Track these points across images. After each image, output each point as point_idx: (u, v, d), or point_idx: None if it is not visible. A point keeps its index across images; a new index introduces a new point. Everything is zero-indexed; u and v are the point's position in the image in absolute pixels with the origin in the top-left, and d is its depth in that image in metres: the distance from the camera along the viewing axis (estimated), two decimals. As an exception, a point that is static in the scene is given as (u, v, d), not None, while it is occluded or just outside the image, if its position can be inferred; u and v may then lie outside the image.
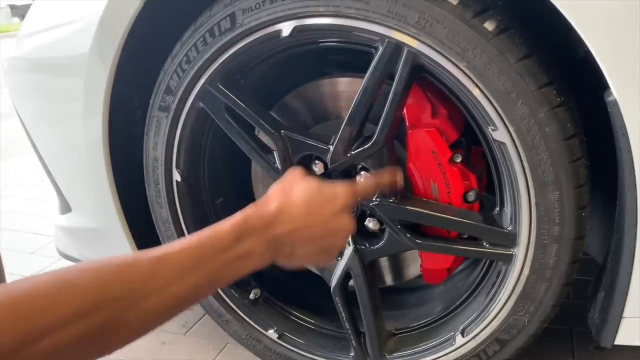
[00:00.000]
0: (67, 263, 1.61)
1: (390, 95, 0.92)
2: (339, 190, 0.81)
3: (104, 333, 0.57)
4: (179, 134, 1.12)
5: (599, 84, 0.85)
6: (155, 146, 1.15)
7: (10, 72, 1.35)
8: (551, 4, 0.78)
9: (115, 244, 1.30)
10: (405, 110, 0.99)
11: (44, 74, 1.25)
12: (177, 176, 1.17)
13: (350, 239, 1.09)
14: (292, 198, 0.77)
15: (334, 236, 0.80)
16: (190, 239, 0.68)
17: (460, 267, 1.27)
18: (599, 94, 0.90)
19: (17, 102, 1.38)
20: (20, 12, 13.67)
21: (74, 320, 0.54)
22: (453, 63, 0.86)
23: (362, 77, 0.95)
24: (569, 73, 0.95)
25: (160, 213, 1.21)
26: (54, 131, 1.30)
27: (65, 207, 1.39)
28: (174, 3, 1.06)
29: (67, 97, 1.20)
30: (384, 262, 1.25)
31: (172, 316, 0.65)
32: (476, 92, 0.87)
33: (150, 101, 1.13)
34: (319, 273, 1.21)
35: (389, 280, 1.26)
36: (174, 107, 1.09)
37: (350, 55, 1.18)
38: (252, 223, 0.72)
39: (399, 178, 0.98)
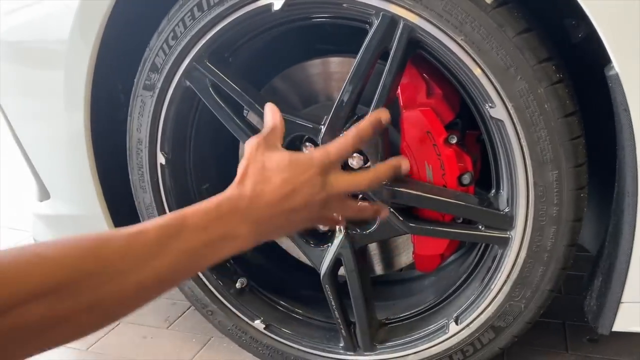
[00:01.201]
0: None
1: (385, 71, 0.89)
2: (312, 155, 0.78)
3: (77, 311, 0.54)
4: (164, 115, 1.08)
5: (592, 72, 0.84)
6: (139, 127, 1.11)
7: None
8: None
9: (96, 231, 1.24)
10: (399, 90, 0.96)
11: (23, 64, 1.20)
12: (161, 159, 1.12)
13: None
14: (266, 173, 0.74)
15: (320, 202, 0.77)
16: (169, 217, 0.65)
17: (452, 258, 1.24)
18: (591, 82, 0.89)
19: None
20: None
21: (46, 294, 0.51)
22: (450, 37, 0.84)
23: (355, 58, 0.92)
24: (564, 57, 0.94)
25: (144, 198, 1.17)
26: (35, 122, 1.26)
27: (44, 194, 1.34)
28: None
29: (48, 88, 1.15)
30: (374, 251, 1.22)
31: (150, 298, 0.61)
32: (474, 67, 0.84)
33: (135, 80, 1.08)
34: (309, 263, 1.17)
35: (379, 269, 1.23)
36: (159, 85, 1.05)
37: (340, 44, 1.16)
38: (234, 203, 0.70)
39: (384, 116, 0.86)
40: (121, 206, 1.24)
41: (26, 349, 0.51)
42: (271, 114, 0.85)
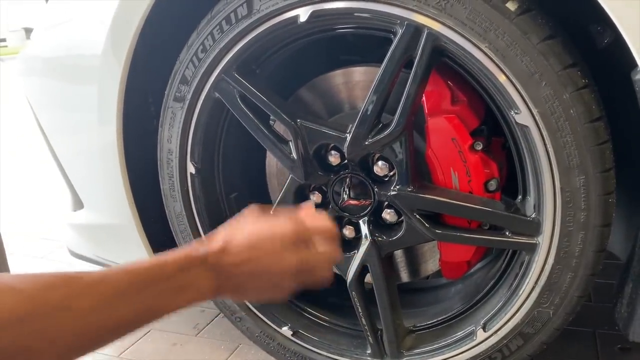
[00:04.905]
0: (79, 266, 1.60)
1: (410, 79, 0.90)
2: (287, 227, 0.79)
3: (40, 343, 0.55)
4: (194, 125, 1.11)
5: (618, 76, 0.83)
6: (169, 138, 1.14)
7: (27, 74, 1.36)
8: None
9: (127, 240, 1.28)
10: (424, 98, 0.97)
11: (59, 80, 1.25)
12: (191, 169, 1.15)
13: (367, 230, 1.06)
14: (238, 232, 0.76)
15: (282, 273, 0.77)
16: (133, 265, 0.67)
17: (479, 265, 1.24)
18: (617, 87, 0.88)
19: (34, 105, 1.38)
20: (34, 33, 13.94)
21: (13, 324, 0.52)
22: (474, 44, 0.85)
23: (378, 67, 0.94)
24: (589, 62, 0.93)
25: (174, 207, 1.20)
26: (70, 135, 1.30)
27: (78, 204, 1.38)
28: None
29: (82, 102, 1.20)
30: (400, 258, 1.22)
31: (110, 340, 0.63)
32: (498, 74, 0.85)
33: (165, 92, 1.12)
34: (335, 270, 1.18)
35: (406, 276, 1.23)
36: (189, 97, 1.08)
37: (362, 54, 1.18)
38: (197, 254, 0.72)
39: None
40: (152, 215, 1.27)
41: None
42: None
